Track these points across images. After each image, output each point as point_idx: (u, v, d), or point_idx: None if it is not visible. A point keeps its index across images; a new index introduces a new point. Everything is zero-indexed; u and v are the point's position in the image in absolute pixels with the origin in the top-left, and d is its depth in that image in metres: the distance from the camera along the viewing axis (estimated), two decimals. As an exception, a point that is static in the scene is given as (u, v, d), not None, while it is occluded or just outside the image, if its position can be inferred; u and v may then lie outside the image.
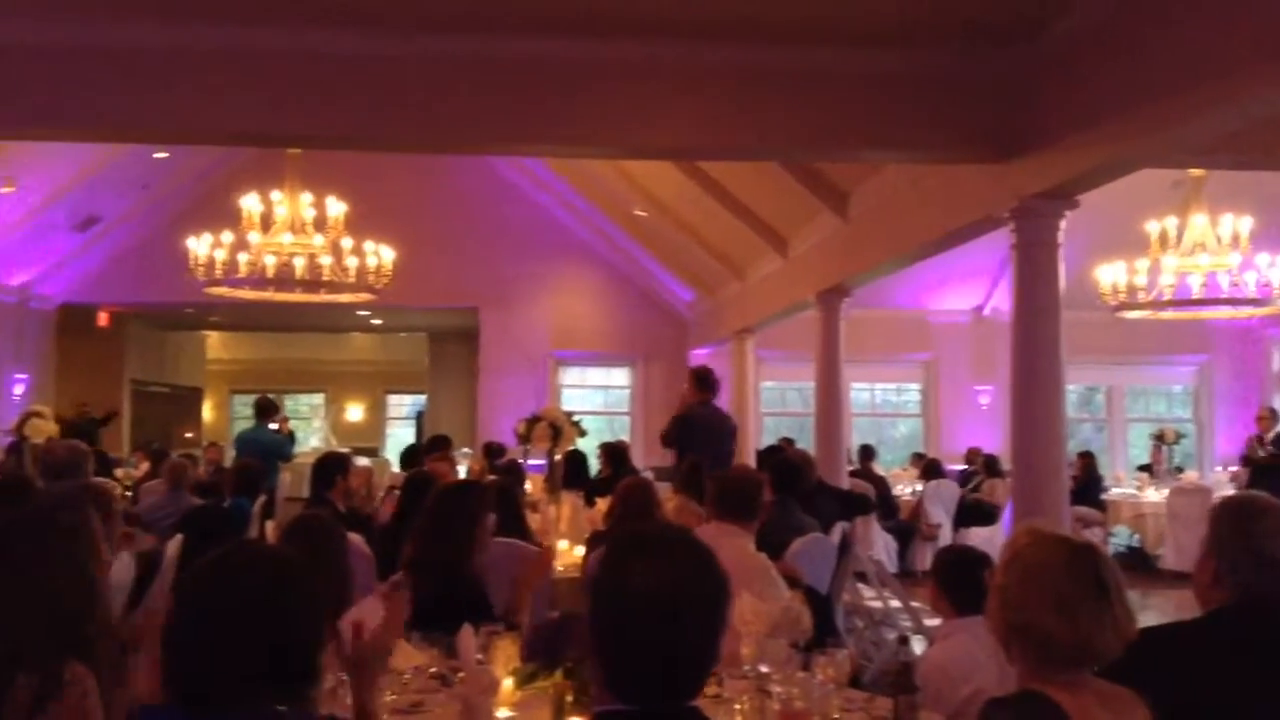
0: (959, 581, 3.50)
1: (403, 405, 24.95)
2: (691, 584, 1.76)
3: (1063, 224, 5.76)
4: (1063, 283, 5.76)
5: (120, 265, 14.90)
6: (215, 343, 22.61)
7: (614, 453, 10.53)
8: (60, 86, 5.50)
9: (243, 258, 9.84)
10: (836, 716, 2.96)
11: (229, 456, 12.34)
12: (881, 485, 11.52)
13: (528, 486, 8.13)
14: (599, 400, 16.86)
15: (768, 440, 12.10)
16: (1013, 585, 2.19)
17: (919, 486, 12.29)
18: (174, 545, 5.79)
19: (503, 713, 2.91)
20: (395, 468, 15.37)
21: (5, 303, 14.12)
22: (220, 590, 1.94)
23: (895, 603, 7.26)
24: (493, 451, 11.00)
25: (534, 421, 8.64)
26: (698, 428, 8.00)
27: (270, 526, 7.58)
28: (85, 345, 16.10)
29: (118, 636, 2.46)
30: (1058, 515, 5.53)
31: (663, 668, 1.74)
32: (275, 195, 9.87)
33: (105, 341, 16.62)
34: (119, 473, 11.07)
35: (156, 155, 12.73)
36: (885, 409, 16.71)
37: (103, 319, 16.36)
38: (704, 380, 8.32)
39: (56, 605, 2.32)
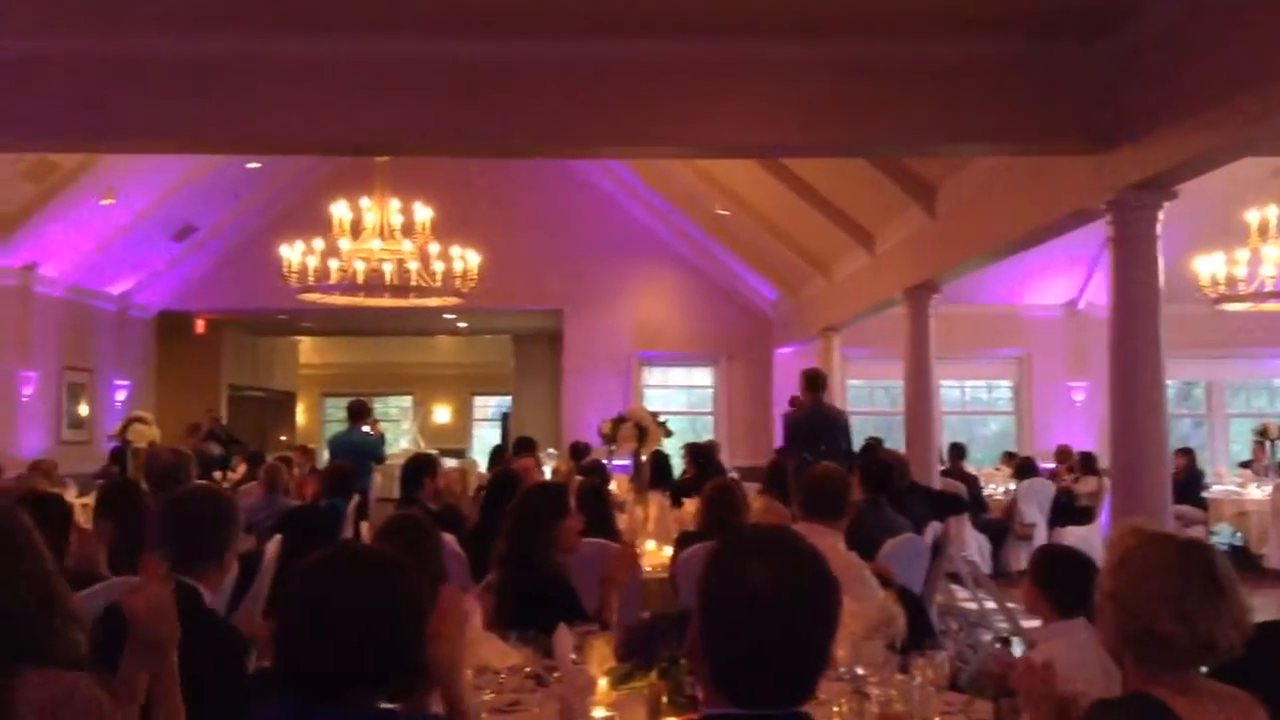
0: (1062, 582, 3.42)
1: (488, 407, 25.23)
2: (805, 584, 1.73)
3: (1161, 215, 5.61)
4: (1161, 275, 5.61)
5: (216, 273, 15.32)
6: (307, 347, 23.10)
7: (698, 453, 10.52)
8: (154, 101, 5.67)
9: (333, 264, 10.06)
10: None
11: (322, 459, 12.61)
12: (973, 484, 11.34)
13: (612, 487, 8.16)
14: (682, 400, 16.84)
15: (856, 440, 11.96)
16: (1125, 590, 2.12)
17: (1011, 485, 12.07)
18: (273, 546, 5.92)
19: (599, 712, 2.92)
20: (482, 468, 15.60)
21: (106, 311, 14.61)
22: (325, 591, 1.97)
23: (990, 604, 7.11)
24: (578, 452, 11.07)
25: (620, 422, 8.66)
26: (795, 429, 8.38)
27: (365, 527, 7.71)
28: (183, 352, 16.57)
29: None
30: (1159, 514, 5.40)
31: (776, 669, 1.72)
32: (364, 202, 10.05)
33: (202, 348, 17.08)
34: (216, 475, 11.37)
35: (249, 165, 13.06)
36: (975, 406, 16.42)
37: (200, 326, 16.82)
38: (806, 381, 8.62)
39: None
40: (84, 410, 13.94)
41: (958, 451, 12.11)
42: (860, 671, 3.11)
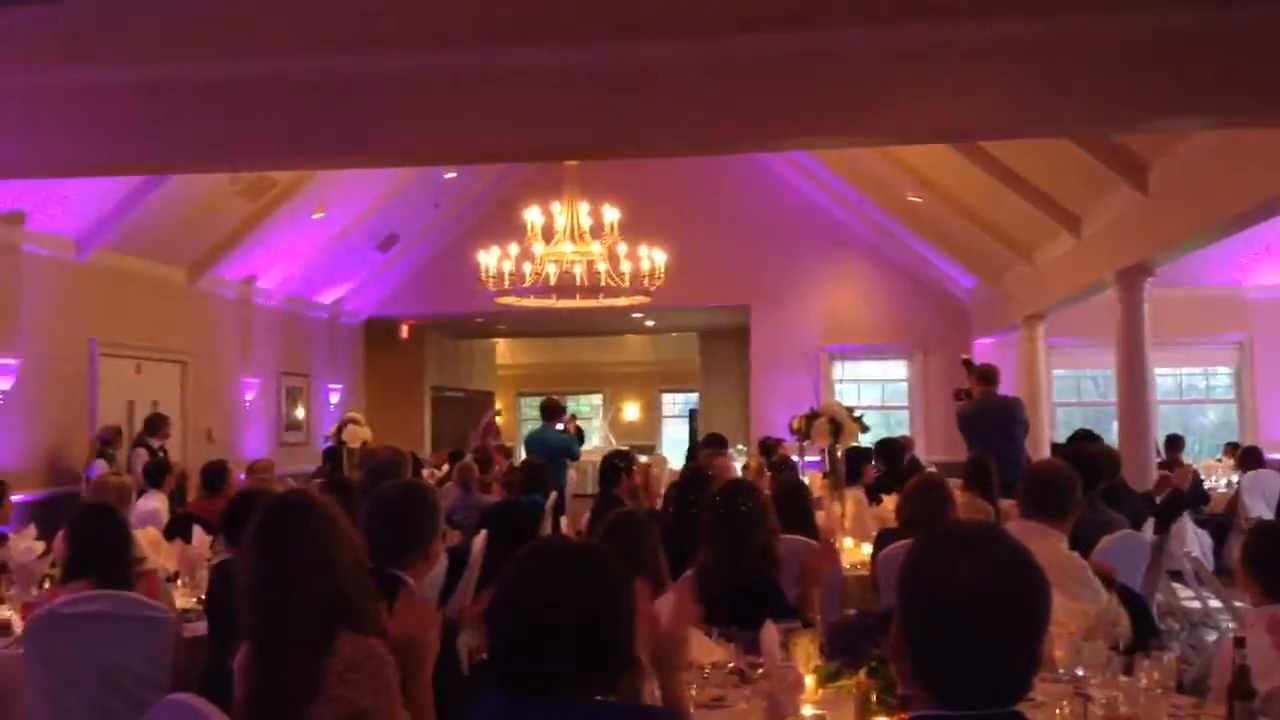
0: (1275, 564, 3.18)
1: (676, 403, 25.44)
2: (1008, 582, 1.68)
3: (1402, 184, 5.15)
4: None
5: (418, 280, 15.97)
6: (503, 349, 23.84)
7: (888, 449, 10.27)
8: (362, 116, 5.89)
9: (527, 267, 10.34)
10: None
11: (519, 457, 12.95)
12: (1191, 478, 10.67)
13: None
14: (875, 394, 16.50)
15: (1062, 433, 11.46)
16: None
17: (1234, 478, 11.33)
18: (479, 540, 6.12)
19: (808, 710, 2.89)
20: (672, 465, 15.72)
21: (319, 319, 15.44)
22: (540, 584, 2.01)
23: (1215, 602, 6.69)
24: (768, 448, 11.00)
25: (813, 417, 8.52)
26: (964, 422, 8.58)
27: (564, 522, 7.87)
28: (390, 356, 17.34)
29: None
30: None
31: (983, 669, 1.66)
32: (555, 206, 10.29)
33: (407, 352, 17.82)
34: (425, 473, 11.84)
35: (446, 175, 13.58)
36: (1191, 395, 15.49)
37: (404, 331, 17.57)
38: (980, 374, 8.68)
39: (321, 583, 2.50)
40: (300, 413, 14.78)
41: (1174, 443, 11.45)
42: (1081, 673, 2.98)
